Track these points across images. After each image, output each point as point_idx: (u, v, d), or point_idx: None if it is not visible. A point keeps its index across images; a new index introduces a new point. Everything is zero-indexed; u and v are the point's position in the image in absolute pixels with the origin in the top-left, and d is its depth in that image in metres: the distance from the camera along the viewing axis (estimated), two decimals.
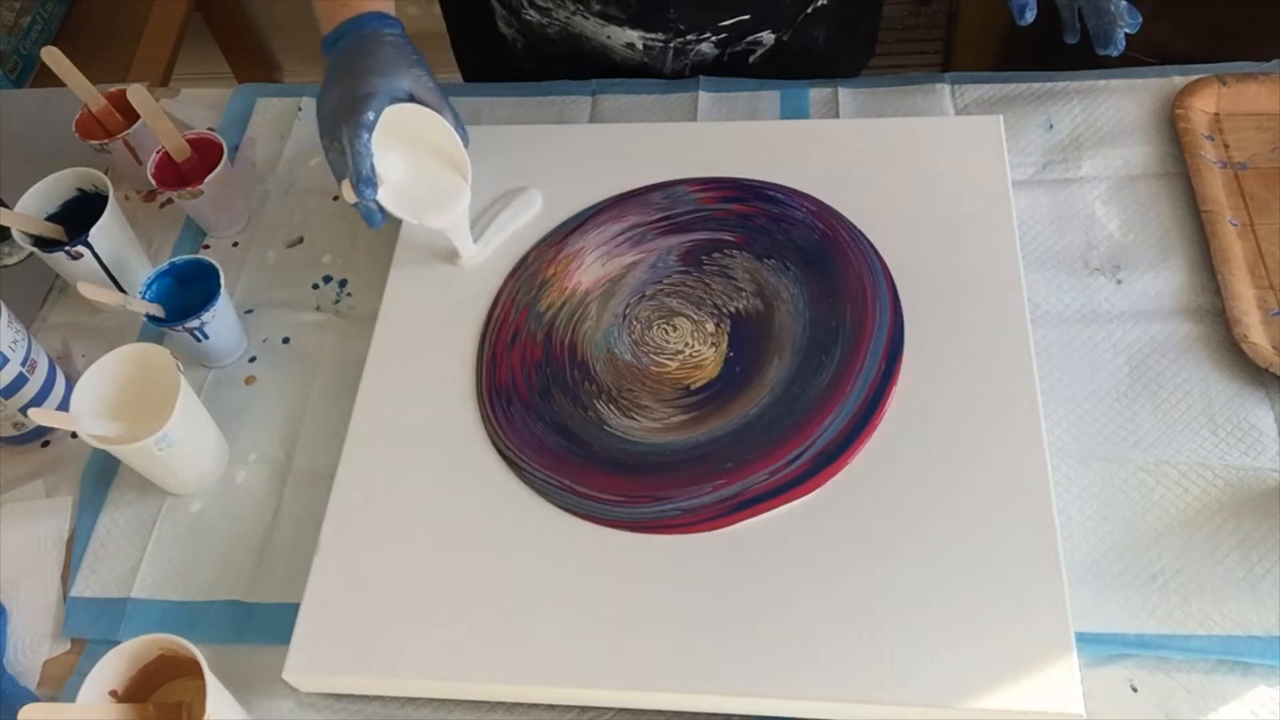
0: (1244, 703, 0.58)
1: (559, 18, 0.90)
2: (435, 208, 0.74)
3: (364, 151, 0.69)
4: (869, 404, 0.67)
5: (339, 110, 0.70)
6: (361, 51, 0.72)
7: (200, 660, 0.56)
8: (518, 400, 0.71)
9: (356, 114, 0.69)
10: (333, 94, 0.71)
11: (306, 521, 0.69)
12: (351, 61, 0.72)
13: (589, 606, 0.62)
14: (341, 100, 0.70)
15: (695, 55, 0.91)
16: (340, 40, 0.74)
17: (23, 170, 0.82)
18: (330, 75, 0.73)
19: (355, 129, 0.69)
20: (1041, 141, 0.83)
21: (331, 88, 0.72)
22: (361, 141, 0.69)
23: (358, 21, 0.74)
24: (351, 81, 0.71)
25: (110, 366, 0.70)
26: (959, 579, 0.61)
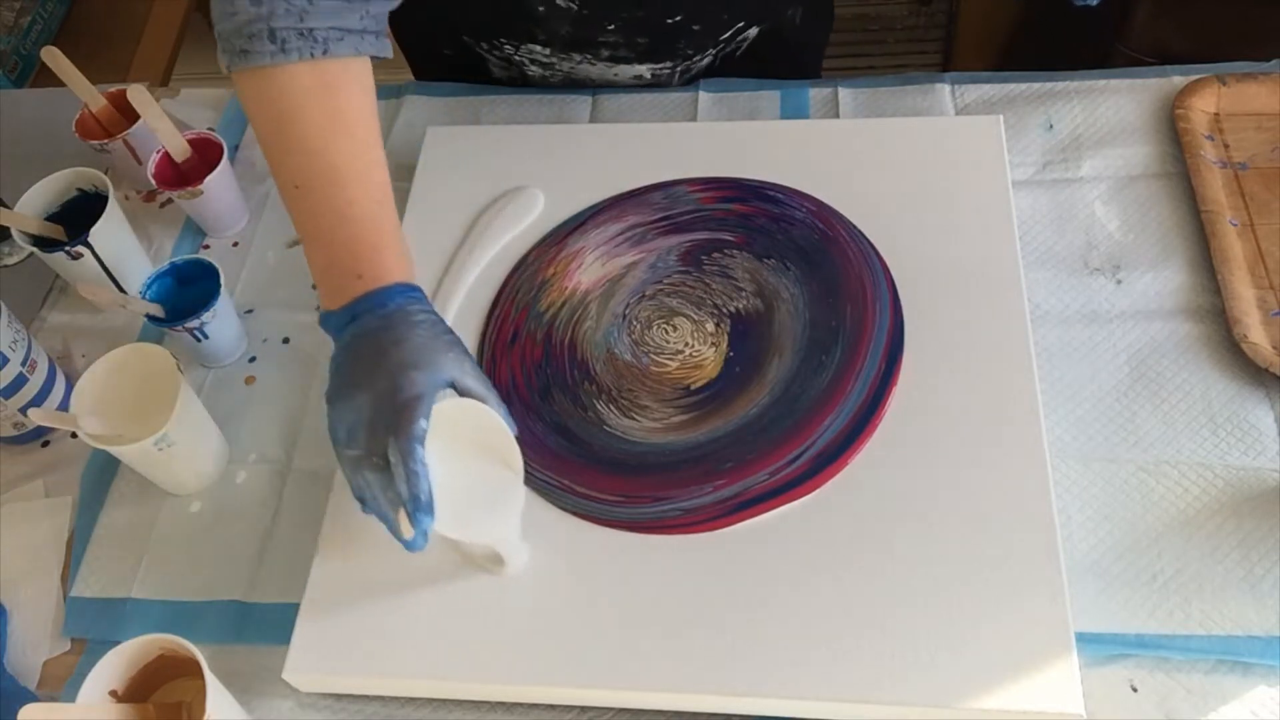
0: (1244, 703, 0.58)
1: (562, 69, 0.89)
2: (484, 513, 0.60)
3: (421, 471, 0.55)
4: (869, 404, 0.67)
5: (378, 419, 0.57)
6: (391, 339, 0.58)
7: (200, 660, 0.56)
8: (518, 400, 0.71)
9: (407, 424, 0.55)
10: (363, 396, 0.57)
11: (306, 521, 0.69)
12: (379, 353, 0.58)
13: (589, 606, 0.62)
14: (379, 405, 0.57)
15: (696, 69, 0.91)
16: (358, 321, 0.59)
17: (23, 170, 0.82)
18: (349, 367, 0.59)
19: (409, 444, 0.55)
20: (1041, 141, 0.83)
21: (359, 387, 0.58)
22: (417, 459, 0.55)
23: (378, 298, 0.59)
24: (386, 380, 0.57)
25: (110, 366, 0.70)
26: (959, 579, 0.61)
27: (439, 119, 0.91)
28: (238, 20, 0.59)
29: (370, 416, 0.57)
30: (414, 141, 0.87)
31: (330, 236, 0.61)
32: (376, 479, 0.57)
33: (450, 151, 0.85)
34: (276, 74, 0.60)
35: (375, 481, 0.57)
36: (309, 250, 0.62)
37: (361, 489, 0.59)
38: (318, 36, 0.60)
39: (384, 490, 0.57)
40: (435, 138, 0.85)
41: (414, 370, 0.57)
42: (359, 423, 0.58)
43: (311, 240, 0.62)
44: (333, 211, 0.61)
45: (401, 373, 0.57)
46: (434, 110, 0.91)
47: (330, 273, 0.61)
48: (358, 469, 0.58)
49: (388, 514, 0.58)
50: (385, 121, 0.91)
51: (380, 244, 0.61)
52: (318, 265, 0.62)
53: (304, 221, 0.62)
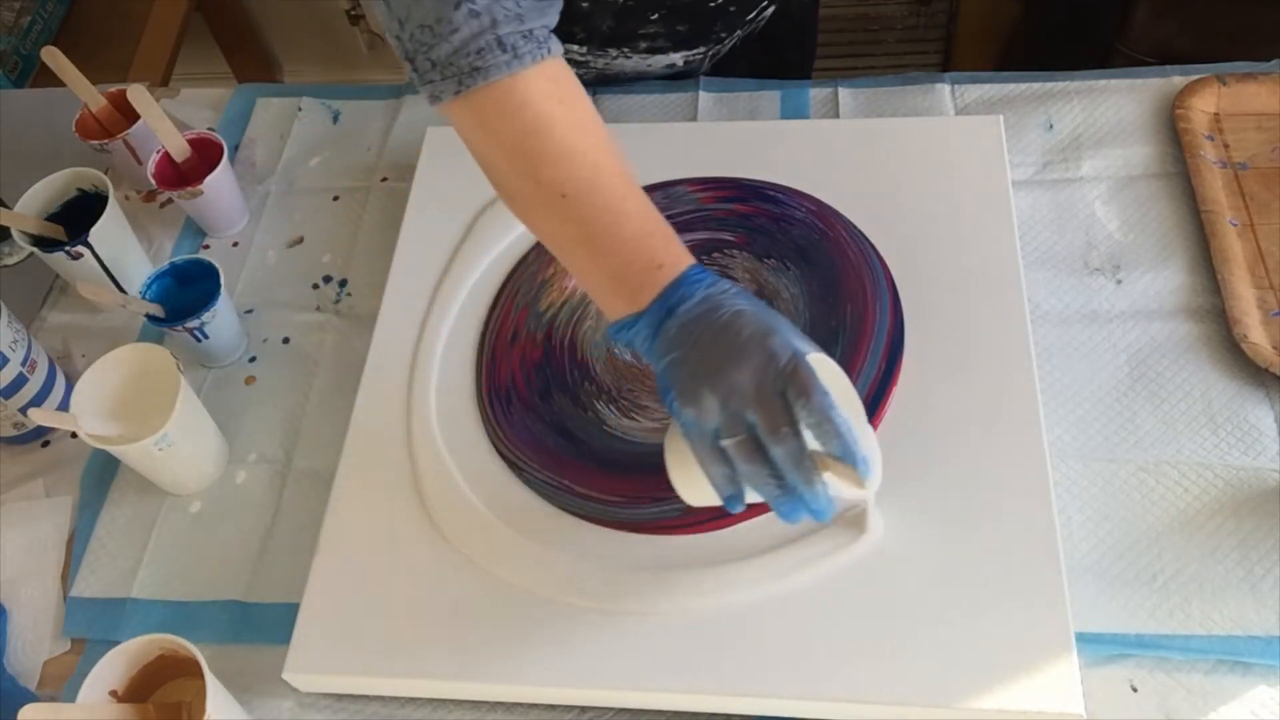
0: (1244, 703, 0.58)
1: (596, 65, 0.89)
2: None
3: (847, 422, 0.52)
4: (869, 404, 0.67)
5: (768, 390, 0.52)
6: (731, 314, 0.55)
7: (200, 660, 0.56)
8: (518, 400, 0.71)
9: (811, 383, 0.52)
10: (737, 376, 0.53)
11: (306, 521, 0.69)
12: (727, 331, 0.54)
13: (589, 607, 0.62)
14: (763, 378, 0.52)
15: (723, 53, 0.90)
16: (678, 310, 0.55)
17: (23, 170, 0.82)
18: (697, 359, 0.54)
19: (824, 399, 0.51)
20: (1041, 141, 0.83)
21: (724, 371, 0.53)
22: (838, 410, 0.52)
23: (688, 282, 0.56)
24: (757, 352, 0.53)
25: (110, 366, 0.70)
26: (959, 579, 0.61)
27: (439, 119, 0.90)
28: (459, 38, 0.54)
29: (756, 392, 0.52)
30: (414, 141, 0.87)
31: (617, 236, 0.57)
32: (788, 451, 0.52)
33: (450, 151, 0.84)
34: (516, 84, 0.55)
35: (787, 455, 0.52)
36: (588, 261, 0.58)
37: (754, 476, 0.53)
38: (538, 37, 0.56)
39: (799, 461, 0.52)
40: (435, 138, 0.85)
41: (775, 335, 0.53)
42: (744, 404, 0.52)
43: (592, 247, 0.57)
44: (610, 210, 0.57)
45: (768, 339, 0.53)
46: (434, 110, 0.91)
47: (627, 273, 0.56)
48: (750, 455, 0.53)
49: (801, 487, 0.53)
50: (385, 121, 0.91)
51: (664, 230, 0.57)
52: (607, 271, 0.57)
53: (579, 231, 0.57)
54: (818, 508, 0.53)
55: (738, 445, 0.53)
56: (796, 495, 0.53)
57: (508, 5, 0.55)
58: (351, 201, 0.87)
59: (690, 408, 0.54)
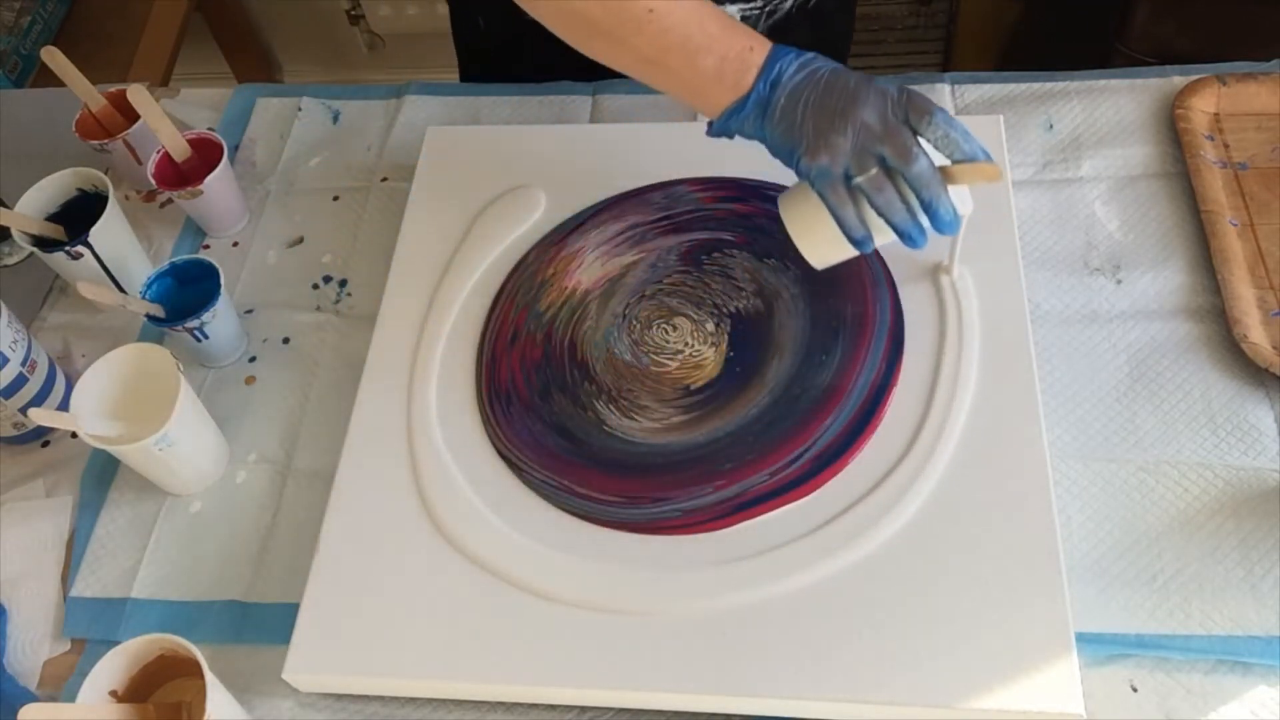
0: (1244, 703, 0.58)
1: None
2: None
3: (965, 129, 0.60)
4: (869, 404, 0.67)
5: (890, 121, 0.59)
6: (827, 70, 0.61)
7: (200, 660, 0.56)
8: (517, 400, 0.71)
9: (925, 103, 0.60)
10: (860, 115, 0.59)
11: (306, 521, 0.69)
12: (833, 82, 0.61)
13: (589, 608, 0.62)
14: (882, 111, 0.59)
15: (779, 14, 0.89)
16: (782, 81, 0.61)
17: (23, 170, 0.82)
18: (815, 113, 0.60)
19: (940, 113, 0.60)
20: (1041, 141, 0.83)
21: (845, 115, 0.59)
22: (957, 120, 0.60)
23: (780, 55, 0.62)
24: (868, 91, 0.60)
25: (110, 366, 0.70)
26: (959, 579, 0.61)
27: (439, 119, 0.91)
28: None
29: (882, 126, 0.59)
30: (414, 141, 0.87)
31: (705, 32, 0.62)
32: (922, 170, 0.59)
33: (450, 151, 0.85)
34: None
35: (922, 172, 0.59)
36: (686, 66, 0.62)
37: (889, 205, 0.60)
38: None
39: (932, 177, 0.59)
40: (435, 138, 0.85)
41: (874, 79, 0.61)
42: (872, 137, 0.59)
43: (688, 50, 0.61)
44: (694, 10, 0.62)
45: (872, 83, 0.60)
46: (434, 110, 0.92)
47: (725, 64, 0.62)
48: (883, 186, 0.60)
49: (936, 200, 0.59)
50: (385, 121, 0.91)
51: (732, 18, 0.63)
52: (708, 68, 0.62)
53: (671, 39, 0.61)
54: (947, 219, 0.60)
55: (871, 179, 0.59)
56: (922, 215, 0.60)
57: None
58: (351, 201, 0.87)
59: (822, 156, 0.60)
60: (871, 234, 0.62)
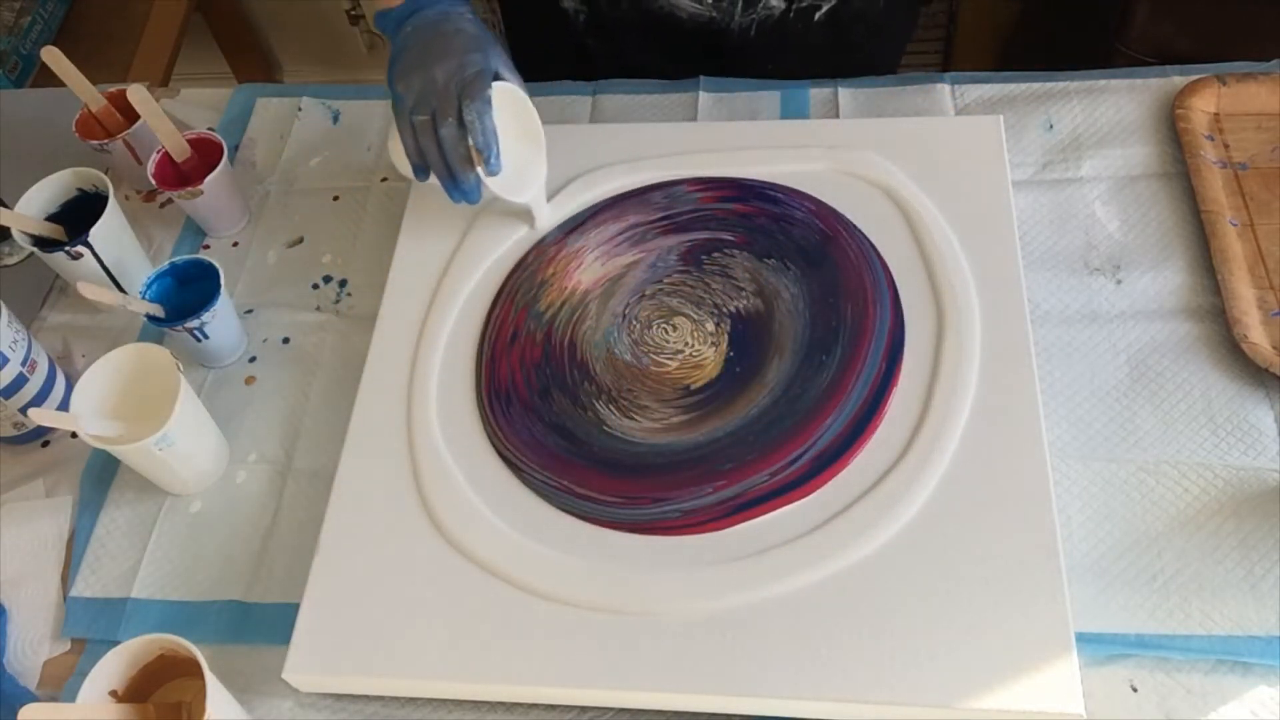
0: (1244, 703, 0.58)
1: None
2: (522, 182, 0.75)
3: (493, 127, 0.69)
4: (869, 404, 0.67)
5: (451, 87, 0.69)
6: (451, 29, 0.72)
7: (200, 660, 0.56)
8: (517, 401, 0.71)
9: (479, 91, 0.69)
10: (435, 68, 0.70)
11: (306, 521, 0.69)
12: (444, 37, 0.71)
13: (589, 608, 0.62)
14: (450, 77, 0.70)
15: (763, 10, 0.89)
16: (418, 14, 0.73)
17: (23, 170, 0.82)
18: (417, 50, 0.71)
19: (482, 105, 0.69)
20: (1041, 141, 0.83)
21: (430, 63, 0.70)
22: (489, 115, 0.69)
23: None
24: (456, 59, 0.70)
25: (110, 366, 0.70)
26: (959, 579, 0.61)
27: None
28: None
29: (443, 85, 0.69)
30: None
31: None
32: (449, 136, 0.69)
33: None
34: None
35: (447, 139, 0.69)
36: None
37: (427, 151, 0.70)
38: None
39: (455, 146, 0.69)
40: None
41: (475, 53, 0.71)
42: (431, 91, 0.69)
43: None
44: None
45: (466, 54, 0.70)
46: None
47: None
48: (426, 133, 0.70)
49: (456, 169, 0.70)
50: (385, 121, 0.91)
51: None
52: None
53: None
54: (466, 188, 0.71)
55: (421, 123, 0.70)
56: (454, 174, 0.70)
57: None
58: (351, 201, 0.87)
59: (400, 85, 0.71)
60: (426, 170, 0.72)
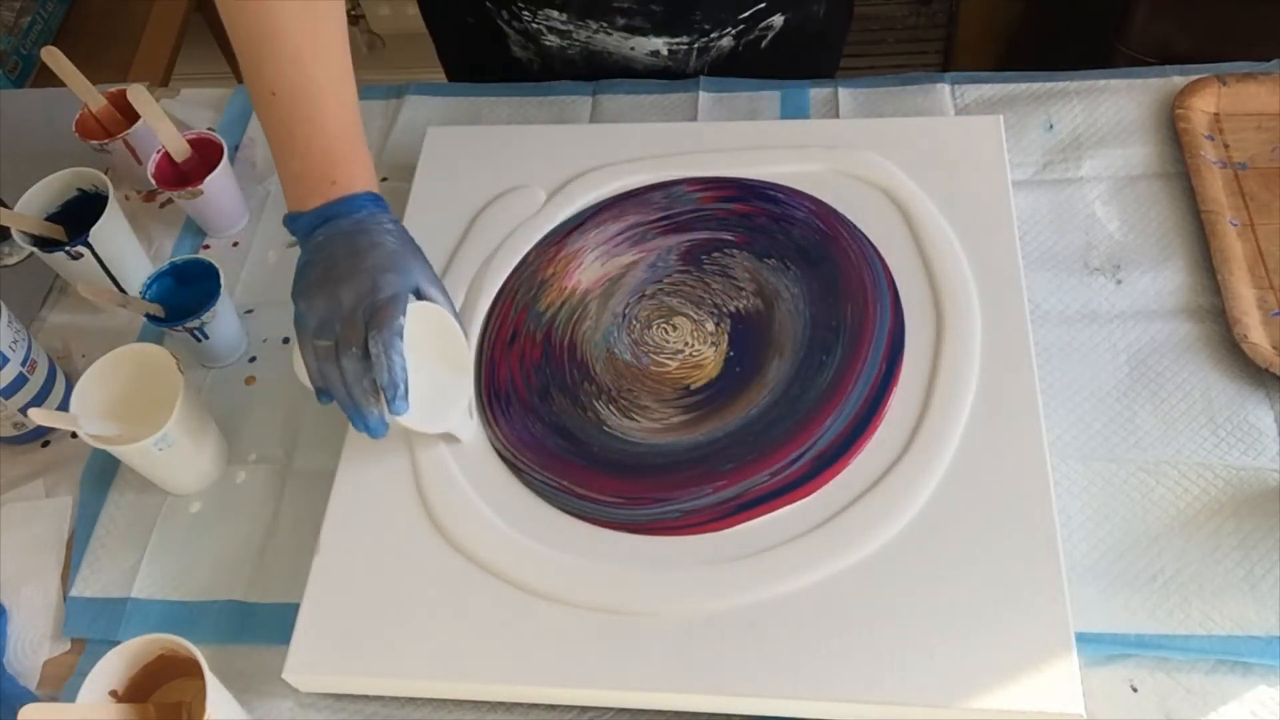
0: (1244, 703, 0.58)
1: (579, 38, 0.89)
2: (441, 410, 0.67)
3: (401, 363, 0.60)
4: (870, 404, 0.67)
5: (357, 313, 0.61)
6: (367, 243, 0.63)
7: (200, 660, 0.56)
8: (517, 401, 0.71)
9: (389, 320, 0.60)
10: (341, 291, 0.62)
11: (306, 521, 0.69)
12: (356, 254, 0.63)
13: (589, 608, 0.62)
14: (358, 301, 0.61)
15: (715, 51, 0.90)
16: (331, 222, 0.64)
17: (23, 170, 0.82)
18: (324, 265, 0.63)
19: (390, 337, 0.60)
20: (1041, 141, 0.83)
21: (336, 284, 0.62)
22: (397, 350, 0.60)
23: (351, 203, 0.64)
24: (368, 280, 0.62)
25: (110, 366, 0.70)
26: (959, 579, 0.61)
27: (439, 119, 0.91)
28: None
29: (349, 311, 0.61)
30: (414, 142, 0.87)
31: (306, 144, 0.65)
32: (351, 368, 0.61)
33: (450, 151, 0.85)
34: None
35: (349, 370, 0.61)
36: (280, 156, 0.66)
37: (329, 378, 0.63)
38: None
39: (358, 379, 0.61)
40: (435, 138, 0.85)
41: (390, 273, 0.62)
42: (335, 316, 0.62)
43: (284, 146, 0.65)
44: (308, 120, 0.65)
45: (380, 274, 0.62)
46: (434, 110, 0.91)
47: (303, 178, 0.65)
48: (329, 359, 0.62)
49: (359, 402, 0.62)
50: (385, 121, 0.92)
51: (353, 155, 0.66)
52: (290, 171, 0.66)
53: (278, 128, 0.65)
54: (369, 425, 0.63)
55: (322, 348, 0.62)
56: (356, 407, 0.62)
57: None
58: None
59: (302, 303, 0.63)
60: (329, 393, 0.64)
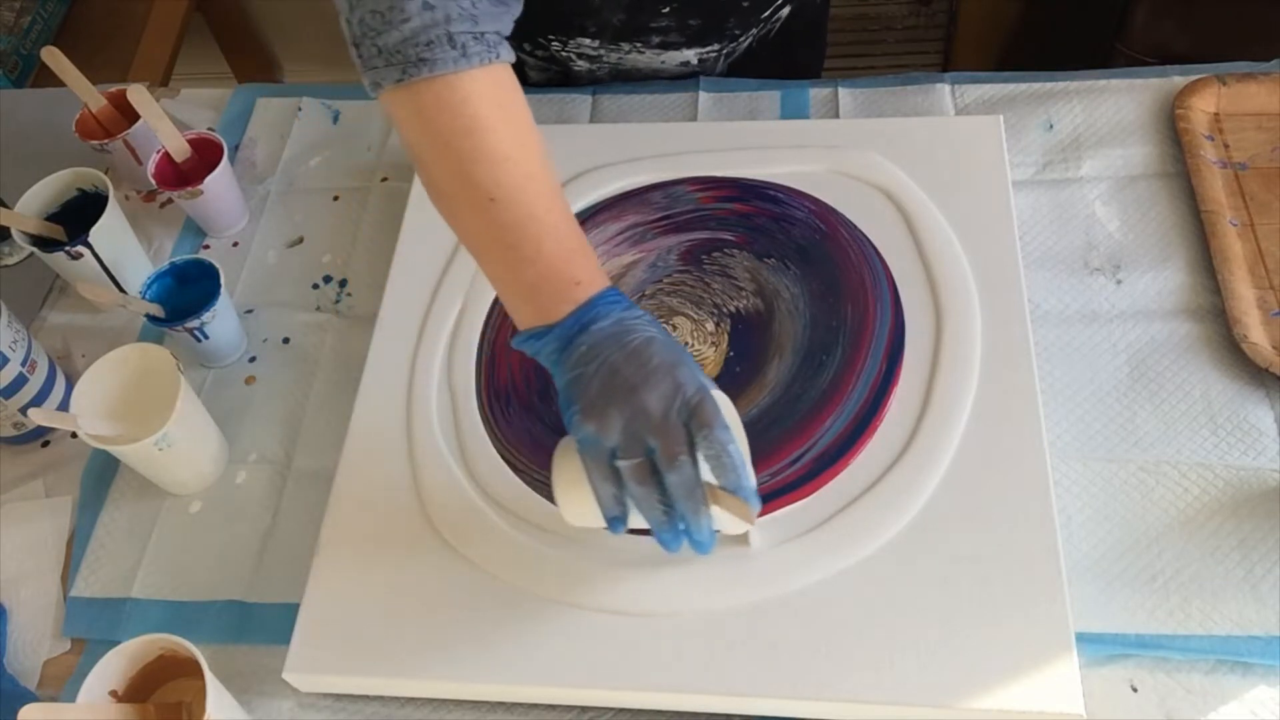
0: (1244, 703, 0.58)
1: (609, 60, 0.89)
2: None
3: (740, 457, 0.54)
4: (870, 404, 0.67)
5: (670, 418, 0.53)
6: (640, 341, 0.55)
7: (200, 660, 0.56)
8: (517, 401, 0.71)
9: (714, 416, 0.53)
10: (641, 400, 0.54)
11: (306, 521, 0.69)
12: (636, 356, 0.55)
13: (589, 608, 0.62)
14: (667, 404, 0.54)
15: (738, 53, 0.90)
16: (591, 329, 0.56)
17: (23, 170, 0.82)
18: (604, 376, 0.55)
19: (723, 434, 0.53)
20: (1041, 141, 0.83)
21: (629, 392, 0.54)
22: (735, 447, 0.54)
23: (605, 301, 0.56)
24: (665, 379, 0.54)
25: (110, 366, 0.70)
26: (959, 579, 0.61)
27: None
28: (410, 27, 0.55)
29: (660, 417, 0.53)
30: None
31: (538, 247, 0.57)
32: (682, 478, 0.53)
33: None
34: (460, 81, 0.55)
35: (681, 482, 0.53)
36: (510, 269, 0.58)
37: (643, 500, 0.54)
38: (489, 41, 0.56)
39: (690, 491, 0.54)
40: None
41: (683, 367, 0.55)
42: (645, 427, 0.53)
43: (514, 254, 0.57)
44: (536, 220, 0.57)
45: (675, 370, 0.54)
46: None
47: (543, 286, 0.57)
48: (644, 479, 0.54)
49: (690, 516, 0.54)
50: (385, 121, 0.91)
51: (585, 249, 0.58)
52: (524, 282, 0.57)
53: (503, 237, 0.57)
54: (700, 539, 0.55)
55: (634, 468, 0.54)
56: (680, 524, 0.55)
57: (464, 4, 0.56)
58: (351, 201, 0.87)
59: (592, 423, 0.54)
60: (627, 517, 0.56)
